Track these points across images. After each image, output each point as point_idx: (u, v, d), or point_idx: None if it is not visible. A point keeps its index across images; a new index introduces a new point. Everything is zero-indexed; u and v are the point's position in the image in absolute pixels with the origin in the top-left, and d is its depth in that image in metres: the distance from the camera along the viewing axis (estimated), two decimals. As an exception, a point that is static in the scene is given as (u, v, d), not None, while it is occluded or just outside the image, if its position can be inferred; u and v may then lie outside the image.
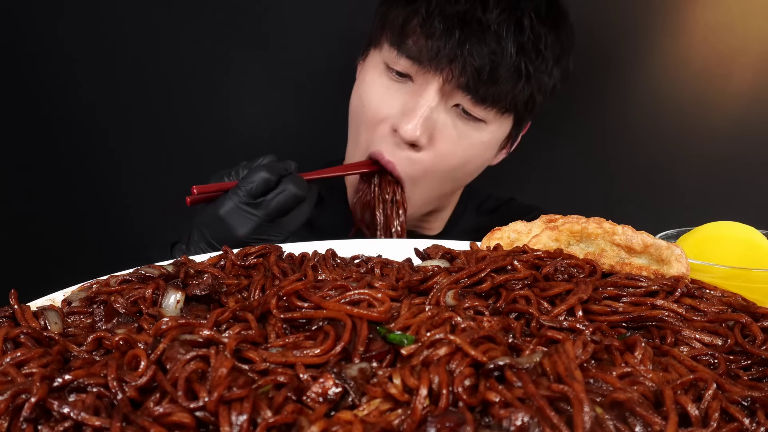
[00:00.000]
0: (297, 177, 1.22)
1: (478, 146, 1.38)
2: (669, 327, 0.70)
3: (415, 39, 1.28)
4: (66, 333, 0.72)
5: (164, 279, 0.80)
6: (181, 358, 0.56)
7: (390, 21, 1.33)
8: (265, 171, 1.17)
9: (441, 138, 1.34)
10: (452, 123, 1.34)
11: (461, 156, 1.37)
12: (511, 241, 0.96)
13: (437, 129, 1.33)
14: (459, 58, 1.24)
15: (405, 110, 1.32)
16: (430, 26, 1.26)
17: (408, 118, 1.30)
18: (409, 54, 1.29)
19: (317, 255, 0.96)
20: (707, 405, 0.56)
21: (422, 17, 1.27)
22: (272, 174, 1.17)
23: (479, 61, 1.24)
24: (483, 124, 1.35)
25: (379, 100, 1.36)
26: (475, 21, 1.24)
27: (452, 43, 1.24)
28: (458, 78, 1.26)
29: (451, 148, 1.35)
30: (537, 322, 0.69)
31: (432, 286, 0.77)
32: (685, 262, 0.84)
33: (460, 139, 1.35)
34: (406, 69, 1.32)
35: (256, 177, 1.16)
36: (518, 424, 0.50)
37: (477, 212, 1.70)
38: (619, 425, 0.50)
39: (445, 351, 0.57)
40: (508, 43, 1.25)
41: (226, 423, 0.50)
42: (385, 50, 1.35)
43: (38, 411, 0.52)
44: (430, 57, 1.26)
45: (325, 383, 0.55)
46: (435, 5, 1.26)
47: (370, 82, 1.38)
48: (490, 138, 1.38)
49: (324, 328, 0.63)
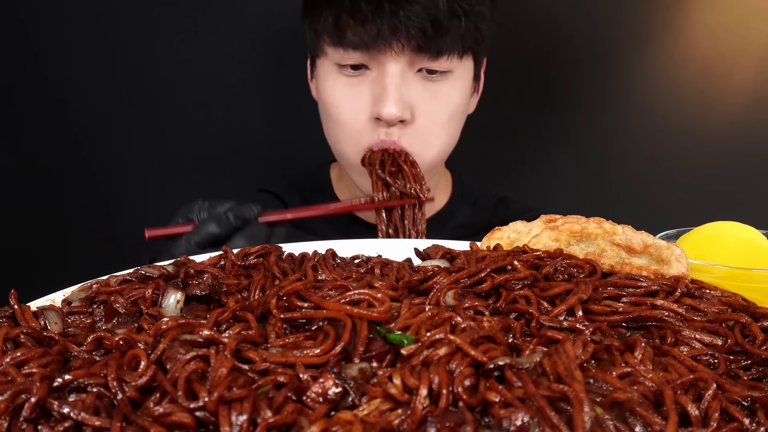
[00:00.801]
0: (255, 229, 1.18)
1: (454, 96, 1.42)
2: (669, 327, 0.70)
3: (353, 29, 1.31)
4: (66, 333, 0.72)
5: (164, 279, 0.80)
6: (181, 358, 0.56)
7: (321, 26, 1.36)
8: (213, 225, 1.14)
9: (420, 103, 1.38)
10: (423, 86, 1.38)
11: (445, 109, 1.42)
12: (511, 241, 0.96)
13: (413, 98, 1.37)
14: (400, 26, 1.28)
15: (376, 97, 1.35)
16: (361, 12, 1.29)
17: (383, 101, 1.33)
18: (354, 45, 1.32)
19: (317, 255, 0.96)
20: (707, 405, 0.56)
21: (349, 8, 1.30)
22: (221, 229, 1.14)
23: (418, 20, 1.28)
24: (449, 74, 1.40)
25: (344, 99, 1.39)
26: None
27: (387, 17, 1.27)
28: (407, 45, 1.30)
29: (433, 106, 1.39)
30: (537, 322, 0.69)
31: (432, 286, 0.77)
32: (685, 262, 0.84)
33: (436, 97, 1.40)
34: (358, 60, 1.35)
35: (203, 231, 1.14)
36: (518, 424, 0.50)
37: (471, 208, 1.70)
38: (619, 425, 0.50)
39: (445, 351, 0.57)
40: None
41: (226, 423, 0.50)
42: (330, 53, 1.38)
43: (38, 411, 0.52)
44: (374, 38, 1.29)
45: (325, 383, 0.55)
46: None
47: (330, 87, 1.41)
48: (460, 83, 1.43)
49: (324, 328, 0.63)
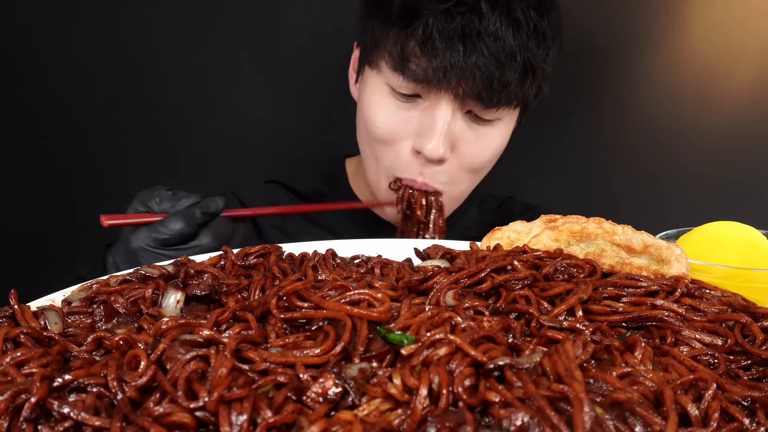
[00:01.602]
0: (220, 224, 1.16)
1: (497, 141, 1.40)
2: (669, 327, 0.70)
3: (418, 61, 1.26)
4: (66, 333, 0.72)
5: (164, 279, 0.80)
6: (181, 358, 0.56)
7: (386, 43, 1.31)
8: (182, 222, 1.09)
9: (462, 144, 1.35)
10: (469, 127, 1.35)
11: (485, 154, 1.40)
12: (511, 241, 0.96)
13: (456, 137, 1.34)
14: (468, 73, 1.23)
15: (422, 130, 1.32)
16: (432, 47, 1.23)
17: (428, 137, 1.29)
18: (415, 77, 1.27)
19: (317, 255, 0.96)
20: (707, 405, 0.56)
21: (421, 39, 1.24)
22: (189, 227, 1.10)
23: (488, 71, 1.23)
24: (497, 122, 1.37)
25: (391, 122, 1.35)
26: (475, 32, 1.22)
27: (457, 59, 1.22)
28: (471, 91, 1.26)
29: (474, 149, 1.37)
30: (537, 322, 0.69)
31: (432, 286, 0.77)
32: (685, 262, 0.84)
33: (480, 139, 1.37)
34: (414, 90, 1.30)
35: (171, 227, 1.09)
36: (518, 424, 0.50)
37: (478, 210, 1.71)
38: (619, 425, 0.50)
39: (445, 351, 0.57)
40: (509, 43, 1.24)
41: (226, 423, 0.50)
42: (387, 73, 1.32)
43: (38, 411, 0.52)
44: (439, 78, 1.24)
45: (325, 383, 0.55)
46: (432, 24, 1.23)
47: (378, 104, 1.36)
48: (505, 130, 1.41)
49: (324, 328, 0.63)
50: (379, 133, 1.37)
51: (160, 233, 1.10)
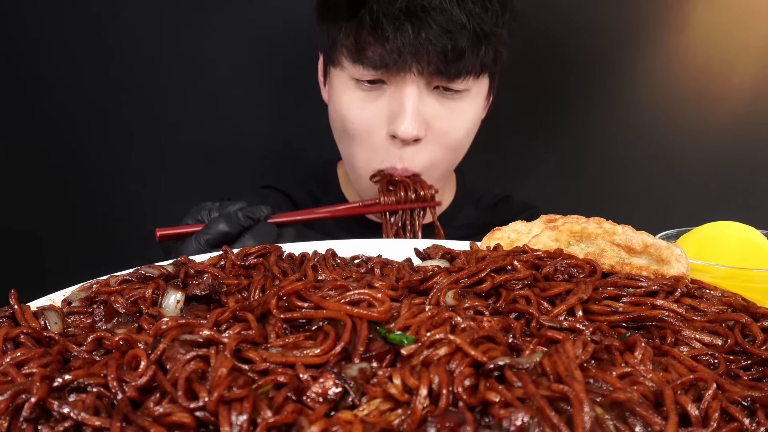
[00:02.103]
0: (264, 228, 1.19)
1: (470, 114, 1.42)
2: (669, 327, 0.70)
3: (373, 48, 1.29)
4: (66, 333, 0.72)
5: (164, 279, 0.80)
6: (181, 358, 0.56)
7: (341, 39, 1.34)
8: (224, 223, 1.15)
9: (435, 121, 1.37)
10: (439, 103, 1.37)
11: (459, 128, 1.41)
12: (511, 241, 0.96)
13: (429, 115, 1.36)
14: (422, 49, 1.26)
15: (393, 114, 1.34)
16: (382, 32, 1.26)
17: (400, 119, 1.32)
18: (373, 65, 1.30)
19: (317, 255, 0.96)
20: (707, 405, 0.56)
21: (370, 26, 1.27)
22: (231, 227, 1.15)
23: (440, 43, 1.26)
24: (465, 92, 1.38)
25: (363, 114, 1.38)
26: (420, 8, 1.25)
27: (409, 39, 1.25)
28: (428, 67, 1.29)
29: (449, 124, 1.39)
30: (537, 322, 0.69)
31: (432, 286, 0.77)
32: (685, 262, 0.84)
33: (452, 114, 1.39)
34: (377, 76, 1.34)
35: (213, 229, 1.14)
36: (518, 424, 0.50)
37: (475, 207, 1.71)
38: (619, 425, 0.50)
39: (445, 351, 0.57)
40: (456, 14, 1.26)
41: (226, 423, 0.50)
42: (349, 67, 1.36)
43: (38, 411, 0.52)
44: (394, 60, 1.27)
45: (325, 383, 0.55)
46: (377, 10, 1.26)
47: (346, 100, 1.39)
48: (476, 101, 1.43)
49: (324, 328, 0.63)
50: (355, 128, 1.39)
51: (204, 233, 1.15)
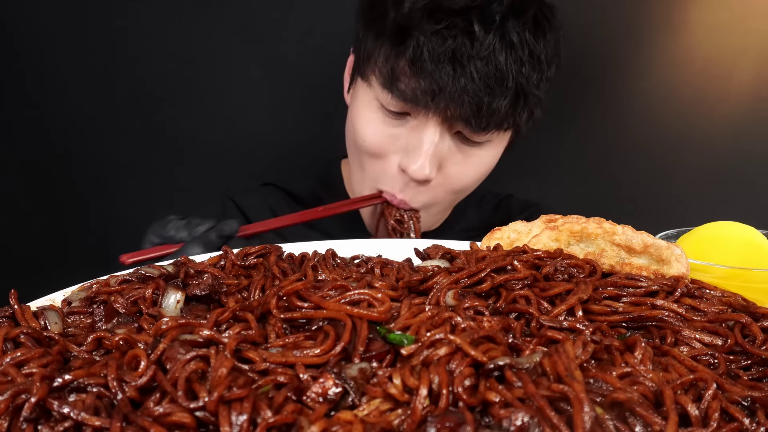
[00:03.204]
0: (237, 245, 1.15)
1: (485, 163, 1.38)
2: (669, 327, 0.70)
3: (407, 80, 1.23)
4: (66, 333, 0.72)
5: (164, 279, 0.80)
6: (181, 358, 0.56)
7: (377, 58, 1.28)
8: (200, 248, 1.10)
9: (449, 164, 1.33)
10: (457, 148, 1.32)
11: (472, 175, 1.37)
12: (511, 241, 0.96)
13: (443, 158, 1.31)
14: (456, 96, 1.20)
15: (409, 148, 1.30)
16: (421, 68, 1.20)
17: (414, 157, 1.28)
18: (404, 97, 1.24)
19: (317, 255, 0.96)
20: (707, 405, 0.56)
21: (410, 58, 1.20)
22: (208, 250, 1.10)
23: (477, 97, 1.20)
24: (487, 143, 1.34)
25: (379, 137, 1.33)
26: (466, 56, 1.18)
27: (446, 82, 1.19)
28: (459, 115, 1.23)
29: (461, 170, 1.35)
30: (537, 322, 0.69)
31: (432, 286, 0.77)
32: (685, 262, 0.84)
33: (467, 160, 1.34)
34: (403, 108, 1.28)
35: (191, 254, 1.09)
36: (518, 424, 0.50)
37: (477, 209, 1.70)
38: (619, 425, 0.50)
39: (445, 351, 0.57)
40: (502, 68, 1.20)
41: (226, 423, 0.50)
42: (377, 89, 1.29)
43: (38, 411, 0.52)
44: (426, 100, 1.21)
45: (325, 383, 0.55)
46: (422, 45, 1.19)
47: (366, 119, 1.34)
48: (494, 152, 1.38)
49: (324, 328, 0.63)
50: (367, 147, 1.35)
51: None
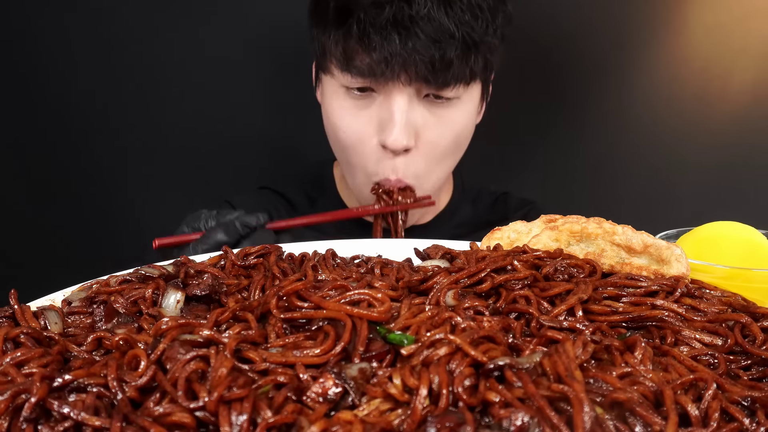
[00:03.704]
0: (262, 235, 1.19)
1: (460, 119, 1.40)
2: (669, 327, 0.70)
3: (361, 57, 1.28)
4: (66, 333, 0.72)
5: (164, 279, 0.80)
6: (181, 358, 0.56)
7: (329, 47, 1.33)
8: (221, 233, 1.14)
9: (426, 129, 1.36)
10: (429, 112, 1.36)
11: (450, 134, 1.40)
12: (511, 241, 0.96)
13: (419, 124, 1.35)
14: (409, 59, 1.24)
15: (382, 123, 1.34)
16: (369, 41, 1.25)
17: (389, 129, 1.31)
18: (361, 73, 1.29)
19: (317, 255, 0.96)
20: (707, 405, 0.56)
21: (357, 36, 1.26)
22: (230, 236, 1.14)
23: (427, 54, 1.24)
24: (456, 100, 1.37)
25: (352, 123, 1.37)
26: (407, 18, 1.24)
27: (396, 48, 1.24)
28: (415, 77, 1.28)
29: (438, 131, 1.38)
30: (537, 322, 0.69)
31: (432, 286, 0.77)
32: (685, 262, 0.84)
33: (442, 121, 1.37)
34: (365, 84, 1.33)
35: (211, 239, 1.14)
36: (518, 424, 0.50)
37: (472, 205, 1.70)
38: (619, 425, 0.50)
39: (445, 351, 0.57)
40: (444, 23, 1.25)
41: (226, 423, 0.50)
42: (337, 75, 1.35)
43: (38, 411, 0.52)
44: (382, 69, 1.26)
45: (325, 383, 0.55)
46: (364, 19, 1.25)
47: (337, 108, 1.39)
48: (467, 108, 1.41)
49: (324, 328, 0.63)
50: (347, 137, 1.39)
51: (202, 243, 1.14)
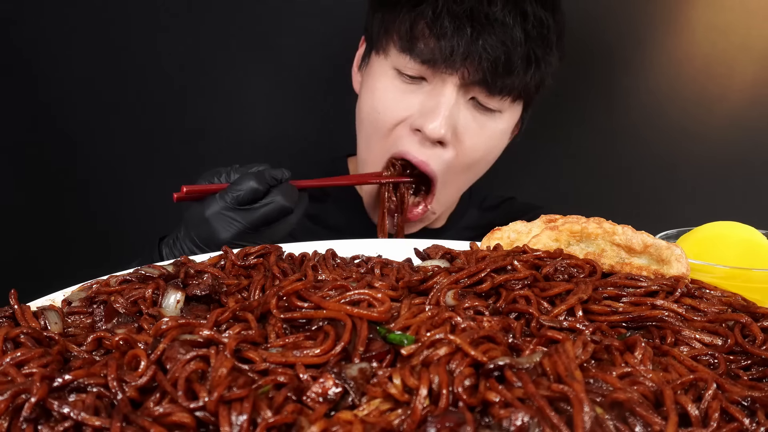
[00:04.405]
0: (288, 187, 1.20)
1: (497, 136, 1.41)
2: (669, 327, 0.70)
3: (426, 41, 1.29)
4: (66, 333, 0.72)
5: (164, 279, 0.80)
6: (181, 358, 0.56)
7: (395, 26, 1.33)
8: (254, 180, 1.15)
9: (464, 132, 1.36)
10: (472, 116, 1.36)
11: (484, 147, 1.40)
12: (511, 241, 0.96)
13: (459, 124, 1.35)
14: (474, 54, 1.26)
15: (425, 110, 1.33)
16: (441, 27, 1.26)
17: (431, 117, 1.31)
18: (422, 58, 1.29)
19: (317, 255, 0.96)
20: (707, 405, 0.56)
21: (430, 19, 1.27)
22: (261, 184, 1.15)
23: (493, 54, 1.26)
24: (498, 114, 1.38)
25: (395, 104, 1.36)
26: (483, 15, 1.26)
27: (465, 41, 1.25)
28: (475, 74, 1.28)
29: (475, 140, 1.38)
30: (537, 322, 0.69)
31: (432, 286, 0.77)
32: (685, 262, 0.84)
33: (481, 131, 1.38)
34: (420, 72, 1.33)
35: (244, 185, 1.14)
36: (518, 424, 0.50)
37: (479, 209, 1.71)
38: (619, 425, 0.50)
39: (445, 351, 0.57)
40: (516, 32, 1.27)
41: (226, 423, 0.50)
42: (394, 56, 1.35)
43: (38, 411, 0.52)
44: (445, 57, 1.27)
45: (325, 383, 0.55)
46: (442, 5, 1.26)
47: (383, 89, 1.38)
48: (506, 126, 1.42)
49: (324, 328, 0.63)
50: (382, 118, 1.38)
51: (235, 190, 1.15)
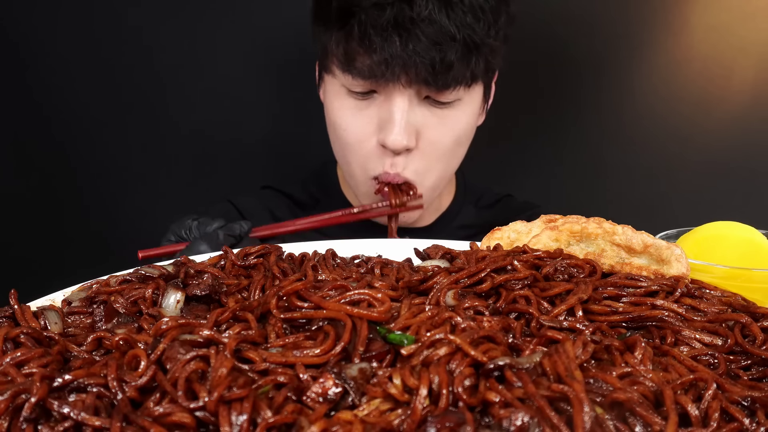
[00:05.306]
0: (247, 245, 1.16)
1: (461, 121, 1.40)
2: (669, 327, 0.70)
3: (362, 58, 1.28)
4: (66, 333, 0.72)
5: (164, 279, 0.80)
6: (181, 358, 0.56)
7: (331, 48, 1.34)
8: (204, 245, 1.12)
9: (426, 130, 1.36)
10: (430, 113, 1.36)
11: (450, 135, 1.40)
12: (511, 241, 0.96)
13: (419, 124, 1.35)
14: (409, 61, 1.24)
15: (382, 123, 1.34)
16: (369, 42, 1.25)
17: (389, 129, 1.31)
18: (362, 75, 1.29)
19: (317, 255, 0.96)
20: (707, 405, 0.56)
21: (358, 36, 1.26)
22: (212, 248, 1.13)
23: (428, 56, 1.24)
24: (457, 102, 1.37)
25: (352, 122, 1.38)
26: (408, 20, 1.24)
27: (397, 50, 1.24)
28: (415, 78, 1.28)
29: (439, 132, 1.38)
30: (537, 322, 0.69)
31: (432, 286, 0.77)
32: (685, 262, 0.84)
33: (443, 122, 1.38)
34: (366, 87, 1.33)
35: (194, 251, 1.11)
36: (518, 424, 0.50)
37: (475, 207, 1.70)
38: (619, 425, 0.50)
39: (445, 351, 0.57)
40: (446, 25, 1.25)
41: (226, 423, 0.50)
42: (339, 75, 1.35)
43: (38, 411, 0.52)
44: (383, 71, 1.26)
45: (325, 383, 0.55)
46: (365, 20, 1.25)
47: (338, 107, 1.39)
48: (469, 110, 1.41)
49: (324, 328, 0.63)
50: (347, 135, 1.39)
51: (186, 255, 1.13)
